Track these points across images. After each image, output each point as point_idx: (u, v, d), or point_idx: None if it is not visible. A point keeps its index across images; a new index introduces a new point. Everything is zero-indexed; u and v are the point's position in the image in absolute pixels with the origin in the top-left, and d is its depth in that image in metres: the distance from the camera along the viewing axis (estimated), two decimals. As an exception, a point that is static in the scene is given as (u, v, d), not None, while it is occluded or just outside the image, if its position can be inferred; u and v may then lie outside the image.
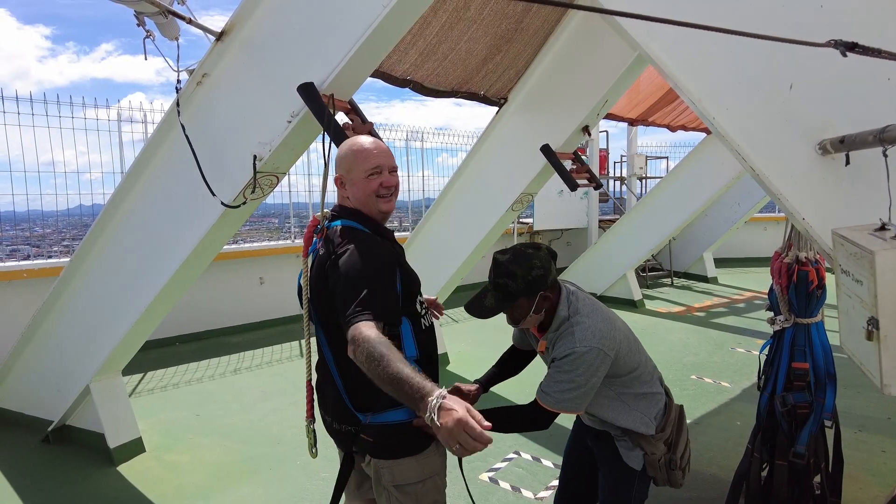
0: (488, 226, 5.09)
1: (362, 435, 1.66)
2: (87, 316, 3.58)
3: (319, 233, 1.73)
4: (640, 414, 1.92)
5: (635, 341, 1.98)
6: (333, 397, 1.71)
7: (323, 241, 1.70)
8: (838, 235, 1.65)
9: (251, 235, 8.34)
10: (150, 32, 2.84)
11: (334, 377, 1.68)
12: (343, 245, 1.61)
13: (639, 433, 1.91)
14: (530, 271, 1.76)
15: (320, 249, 1.69)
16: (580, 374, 1.74)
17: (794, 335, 2.68)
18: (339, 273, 1.55)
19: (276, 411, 4.41)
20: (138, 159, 3.24)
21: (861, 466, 3.37)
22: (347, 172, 1.72)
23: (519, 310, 1.82)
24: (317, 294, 1.69)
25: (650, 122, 7.84)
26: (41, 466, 3.53)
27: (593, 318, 1.80)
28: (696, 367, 5.46)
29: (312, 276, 1.71)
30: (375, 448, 1.65)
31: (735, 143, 1.99)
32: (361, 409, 1.65)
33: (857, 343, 1.59)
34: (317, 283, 1.68)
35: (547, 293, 1.81)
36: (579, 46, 4.58)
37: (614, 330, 1.83)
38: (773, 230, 11.46)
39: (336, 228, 1.70)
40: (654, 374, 2.03)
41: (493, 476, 3.38)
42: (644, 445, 1.91)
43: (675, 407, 2.04)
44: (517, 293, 1.77)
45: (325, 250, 1.66)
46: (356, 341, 1.39)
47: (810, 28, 1.83)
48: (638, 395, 1.93)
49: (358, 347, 1.38)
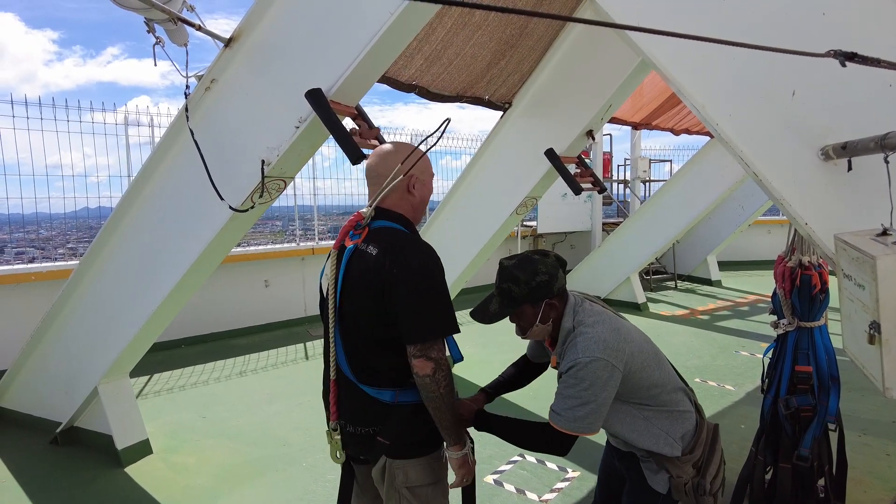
0: (492, 229, 5.11)
1: (379, 438, 1.65)
2: (95, 318, 3.62)
3: (360, 229, 1.68)
4: (664, 434, 1.77)
5: (655, 355, 1.81)
6: (356, 397, 1.67)
7: (370, 238, 1.64)
8: (840, 240, 1.67)
9: (256, 238, 8.37)
10: (159, 39, 2.88)
11: (355, 384, 1.65)
12: (411, 252, 1.58)
13: (663, 455, 1.77)
14: (534, 277, 1.70)
15: (369, 247, 1.62)
16: (586, 389, 1.62)
17: (797, 339, 2.69)
18: (412, 283, 1.54)
19: (282, 413, 4.44)
20: (147, 164, 3.27)
21: (865, 470, 3.38)
22: (421, 174, 1.72)
23: (524, 318, 1.76)
24: (361, 291, 1.61)
25: (654, 126, 7.87)
26: (49, 468, 3.56)
27: (597, 329, 1.68)
28: (700, 370, 5.47)
29: (355, 274, 1.62)
30: (391, 449, 1.65)
31: (738, 149, 2.02)
32: (393, 385, 1.65)
33: (860, 347, 1.61)
34: (363, 282, 1.60)
35: (553, 301, 1.74)
36: (583, 51, 4.60)
37: (623, 341, 1.69)
38: (776, 233, 11.45)
39: (390, 229, 1.66)
40: (681, 390, 1.87)
41: (498, 478, 3.39)
42: (669, 468, 1.76)
43: (707, 426, 1.87)
44: (521, 299, 1.72)
45: (381, 250, 1.59)
46: (441, 365, 1.55)
47: (812, 36, 1.86)
48: (662, 413, 1.78)
49: (441, 371, 1.55)
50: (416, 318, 1.55)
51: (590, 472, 3.46)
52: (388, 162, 1.68)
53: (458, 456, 1.66)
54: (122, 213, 3.38)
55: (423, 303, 1.56)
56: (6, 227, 5.97)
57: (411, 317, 1.55)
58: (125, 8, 2.78)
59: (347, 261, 1.65)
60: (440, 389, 1.56)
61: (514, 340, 2.29)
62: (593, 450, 3.73)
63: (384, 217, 1.70)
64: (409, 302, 1.55)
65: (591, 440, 3.86)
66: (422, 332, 1.55)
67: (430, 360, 1.54)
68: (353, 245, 1.66)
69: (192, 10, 2.93)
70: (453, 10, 3.87)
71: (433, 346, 1.55)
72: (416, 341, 1.55)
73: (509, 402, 4.41)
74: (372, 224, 1.68)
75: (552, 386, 1.78)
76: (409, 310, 1.55)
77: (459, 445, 1.66)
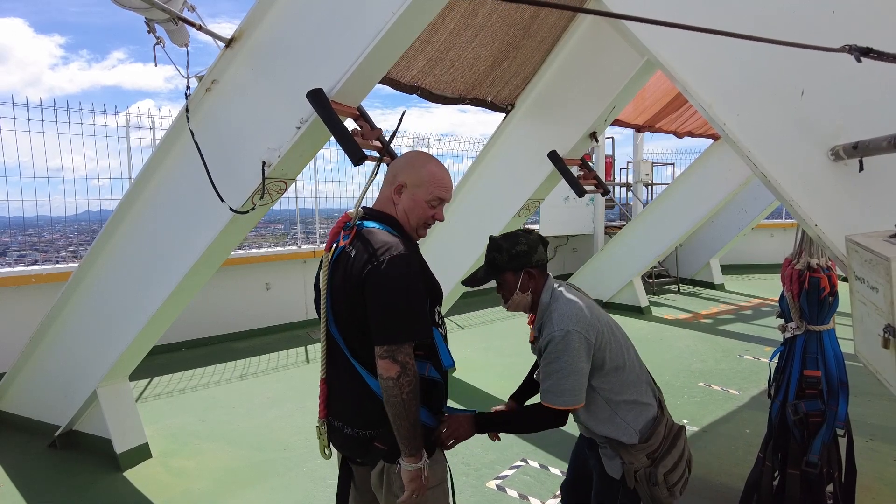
0: (495, 232, 5.06)
1: (376, 443, 1.63)
2: (95, 321, 3.59)
3: (349, 230, 1.68)
4: (623, 423, 1.89)
5: (624, 339, 1.97)
6: (357, 400, 1.65)
7: (353, 239, 1.64)
8: (852, 242, 1.64)
9: (257, 241, 8.35)
10: (160, 39, 2.87)
11: (364, 378, 1.62)
12: (384, 252, 1.56)
13: (619, 441, 1.89)
14: (515, 246, 1.92)
15: (349, 248, 1.63)
16: (565, 361, 1.77)
17: (805, 342, 2.66)
18: (381, 284, 1.53)
19: (283, 417, 4.40)
20: (147, 165, 3.25)
21: (874, 476, 3.33)
22: (414, 186, 1.69)
23: (506, 286, 1.95)
24: (344, 293, 1.61)
25: (657, 129, 7.84)
26: (48, 471, 3.52)
27: (571, 305, 1.85)
28: (704, 374, 5.42)
29: (339, 275, 1.63)
30: (388, 454, 1.63)
31: (746, 150, 1.98)
32: None
33: (873, 351, 1.57)
34: (345, 283, 1.60)
35: (532, 270, 1.93)
36: (587, 52, 4.58)
37: (594, 318, 1.85)
38: (780, 237, 11.40)
39: (371, 230, 1.65)
40: (645, 383, 1.98)
41: (501, 484, 3.35)
42: (623, 454, 1.89)
43: (669, 423, 1.97)
44: (503, 266, 1.93)
45: (358, 251, 1.60)
46: (407, 370, 1.51)
47: (822, 34, 1.82)
48: (626, 403, 1.90)
49: (406, 377, 1.50)
50: (385, 318, 1.53)
51: (594, 477, 3.41)
52: (392, 165, 1.76)
53: (412, 469, 1.56)
54: (122, 214, 3.36)
55: (391, 303, 1.53)
56: (8, 230, 5.96)
57: (379, 316, 1.54)
58: (126, 8, 2.76)
59: (334, 262, 1.66)
60: (402, 395, 1.51)
61: (513, 344, 2.28)
62: (597, 455, 3.70)
63: (372, 217, 1.70)
64: (378, 301, 1.54)
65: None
66: (389, 332, 1.52)
67: (396, 363, 1.50)
68: (343, 246, 1.66)
69: (193, 11, 2.91)
70: (456, 11, 3.85)
71: (400, 349, 1.51)
72: (382, 342, 1.52)
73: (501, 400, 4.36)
74: (360, 224, 1.68)
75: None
76: (378, 309, 1.54)
77: (415, 458, 1.56)
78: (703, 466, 3.53)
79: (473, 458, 3.65)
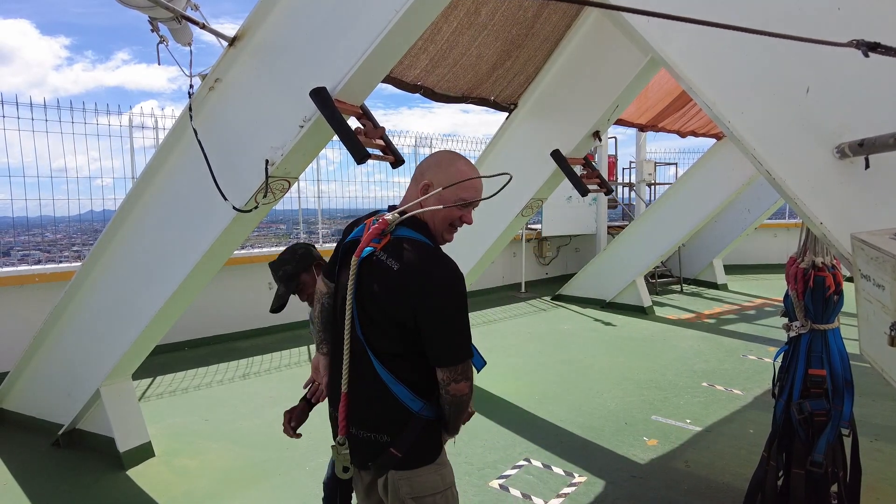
0: (498, 231, 5.07)
1: (391, 449, 1.59)
2: (97, 320, 3.60)
3: (384, 235, 1.59)
4: None
5: None
6: (377, 405, 1.61)
7: (389, 247, 1.57)
8: (858, 240, 1.63)
9: (259, 241, 8.36)
10: (163, 38, 2.87)
11: (388, 384, 1.58)
12: (437, 275, 1.53)
13: None
14: (294, 253, 2.39)
15: (387, 258, 1.55)
16: None
17: (810, 341, 2.64)
18: (445, 307, 1.54)
19: (285, 416, 4.39)
20: (150, 164, 3.25)
21: (878, 476, 3.32)
22: (442, 186, 1.61)
23: (306, 287, 2.35)
24: (384, 302, 1.55)
25: (660, 128, 7.83)
26: (51, 470, 3.53)
27: None
28: (707, 374, 5.41)
29: (374, 282, 1.55)
30: (401, 462, 1.60)
31: (751, 147, 1.97)
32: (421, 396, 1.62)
33: (879, 349, 1.56)
34: (387, 294, 1.54)
35: (320, 263, 2.38)
36: (590, 51, 4.57)
37: None
38: (783, 237, 11.37)
39: (413, 241, 1.58)
40: None
41: (504, 483, 3.34)
42: None
43: None
44: (297, 271, 2.37)
45: (405, 264, 1.53)
46: (471, 381, 1.60)
47: (827, 30, 1.81)
48: None
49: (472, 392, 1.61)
50: (450, 342, 1.57)
51: (596, 476, 3.40)
52: (420, 163, 1.72)
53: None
54: (125, 213, 3.36)
55: (454, 326, 1.57)
56: (12, 230, 5.97)
57: (444, 342, 1.56)
58: (131, 7, 2.76)
59: (362, 265, 1.57)
60: (463, 402, 1.63)
61: (517, 344, 2.25)
62: (601, 455, 3.69)
63: (408, 225, 1.61)
64: (441, 327, 1.55)
65: (599, 445, 3.81)
66: (456, 355, 1.57)
67: (469, 381, 1.59)
68: (371, 249, 1.57)
69: (196, 9, 2.91)
70: (459, 10, 3.85)
71: (468, 367, 1.59)
72: (450, 364, 1.56)
73: (513, 405, 4.37)
74: (395, 232, 1.59)
75: (557, 388, 1.77)
76: (442, 335, 1.56)
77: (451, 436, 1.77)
78: (706, 466, 3.52)
79: (476, 457, 3.64)
